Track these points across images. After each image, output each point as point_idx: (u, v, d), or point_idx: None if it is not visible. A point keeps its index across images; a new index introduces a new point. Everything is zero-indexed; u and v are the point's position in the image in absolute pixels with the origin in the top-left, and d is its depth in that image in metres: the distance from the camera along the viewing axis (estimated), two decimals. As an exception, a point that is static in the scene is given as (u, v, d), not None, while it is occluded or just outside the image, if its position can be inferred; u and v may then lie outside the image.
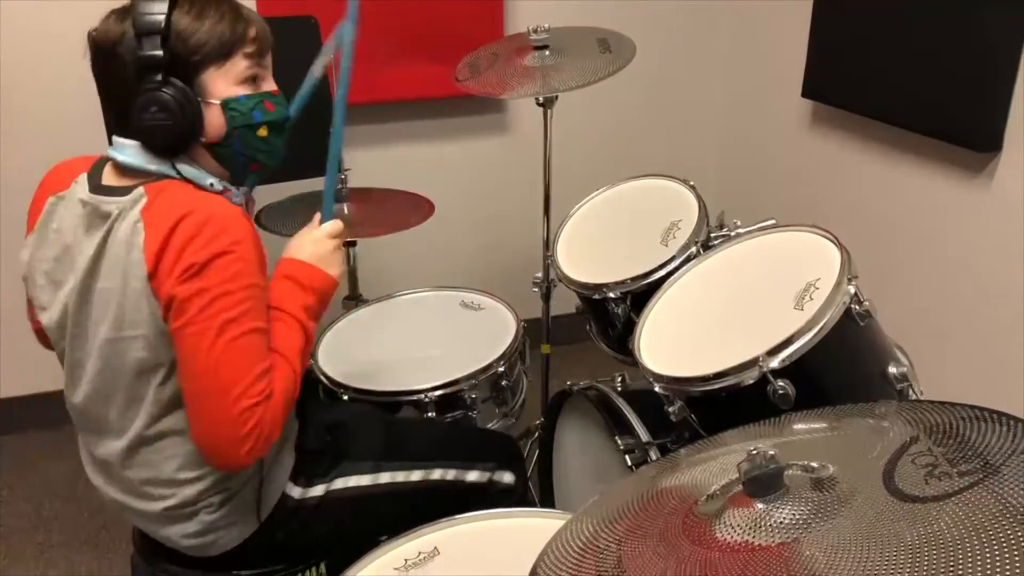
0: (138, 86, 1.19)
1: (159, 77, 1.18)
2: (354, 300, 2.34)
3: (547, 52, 1.99)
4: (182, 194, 1.21)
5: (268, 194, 2.22)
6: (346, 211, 2.19)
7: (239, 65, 1.25)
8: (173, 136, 1.21)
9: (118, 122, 1.26)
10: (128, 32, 1.19)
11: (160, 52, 1.18)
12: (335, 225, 1.41)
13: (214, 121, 1.25)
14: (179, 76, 1.20)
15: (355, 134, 2.68)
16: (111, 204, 1.21)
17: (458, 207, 2.89)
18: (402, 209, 2.20)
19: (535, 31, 1.97)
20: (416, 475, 1.50)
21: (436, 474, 1.52)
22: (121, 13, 1.22)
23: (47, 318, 1.29)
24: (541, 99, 2.02)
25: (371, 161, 2.73)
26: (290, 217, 2.14)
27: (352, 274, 2.35)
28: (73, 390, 1.31)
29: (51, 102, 2.46)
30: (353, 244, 2.29)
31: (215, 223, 1.16)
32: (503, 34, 2.70)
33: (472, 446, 1.61)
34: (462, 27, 2.65)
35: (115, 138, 1.26)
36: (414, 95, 2.73)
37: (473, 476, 1.55)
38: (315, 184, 2.29)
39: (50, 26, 2.40)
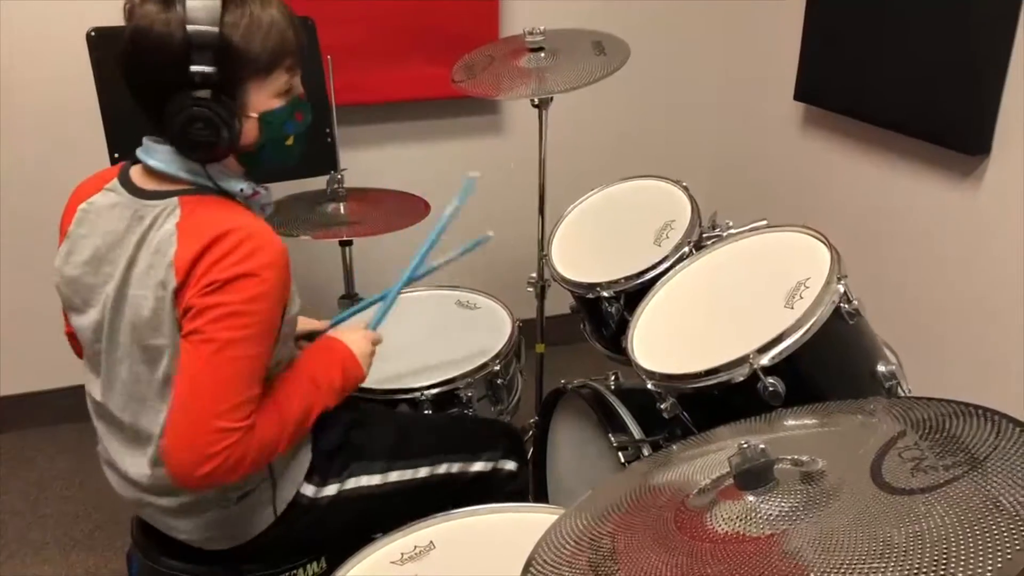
0: (178, 93, 1.16)
1: (207, 93, 1.16)
2: (350, 299, 2.35)
3: (542, 54, 2.01)
4: (219, 211, 1.21)
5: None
6: (342, 211, 2.20)
7: (280, 79, 1.25)
8: (215, 151, 1.20)
9: (150, 122, 1.23)
10: (176, 34, 1.13)
11: (213, 68, 1.15)
12: (376, 334, 1.50)
13: (250, 133, 1.25)
14: (224, 90, 1.18)
15: (352, 135, 2.69)
16: (147, 208, 1.21)
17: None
18: (398, 209, 2.21)
19: (531, 33, 1.99)
20: (423, 471, 1.52)
21: (442, 468, 1.53)
22: (163, 1, 1.15)
23: (81, 322, 1.29)
24: (536, 100, 2.04)
25: (367, 161, 2.74)
26: (285, 216, 2.15)
27: (348, 273, 2.37)
28: (108, 394, 1.30)
29: (49, 100, 2.46)
30: (349, 243, 2.31)
31: (250, 244, 1.16)
32: (498, 36, 2.72)
33: (476, 437, 1.62)
34: (457, 29, 2.66)
35: (146, 141, 1.25)
36: (410, 96, 2.74)
37: (478, 466, 1.56)
38: (310, 184, 2.31)
39: (49, 25, 2.40)
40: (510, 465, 1.60)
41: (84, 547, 2.28)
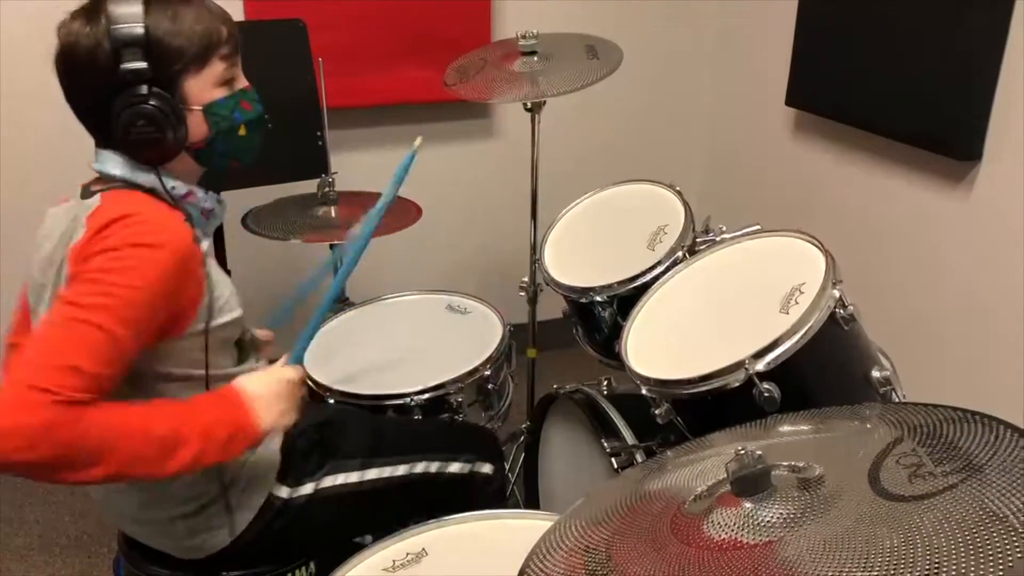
0: (116, 98, 1.16)
1: (143, 89, 1.16)
2: (340, 303, 2.34)
3: (535, 58, 2.00)
4: (128, 201, 1.19)
5: (254, 197, 2.22)
6: (333, 214, 2.19)
7: (216, 68, 1.24)
8: (163, 148, 1.20)
9: (95, 133, 1.23)
10: (103, 42, 1.14)
11: (144, 64, 1.15)
12: (295, 370, 1.31)
13: (197, 127, 1.23)
14: (160, 85, 1.17)
15: (343, 138, 2.68)
16: (81, 207, 1.20)
17: (445, 211, 2.89)
18: (389, 213, 2.19)
19: (523, 37, 1.99)
20: (401, 469, 1.51)
21: (420, 467, 1.52)
22: (87, 16, 1.16)
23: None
24: (529, 104, 2.03)
25: (359, 165, 2.73)
26: (275, 219, 2.14)
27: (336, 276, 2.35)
28: None
29: (39, 98, 2.44)
30: (340, 247, 2.29)
31: (137, 225, 1.12)
32: (490, 39, 2.71)
33: (453, 439, 1.62)
34: (449, 32, 2.66)
35: (97, 150, 1.24)
36: (401, 99, 2.74)
37: (455, 468, 1.56)
38: (300, 187, 2.30)
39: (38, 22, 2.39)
40: (486, 468, 1.59)
41: (70, 553, 2.25)
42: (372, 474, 1.48)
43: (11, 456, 1.00)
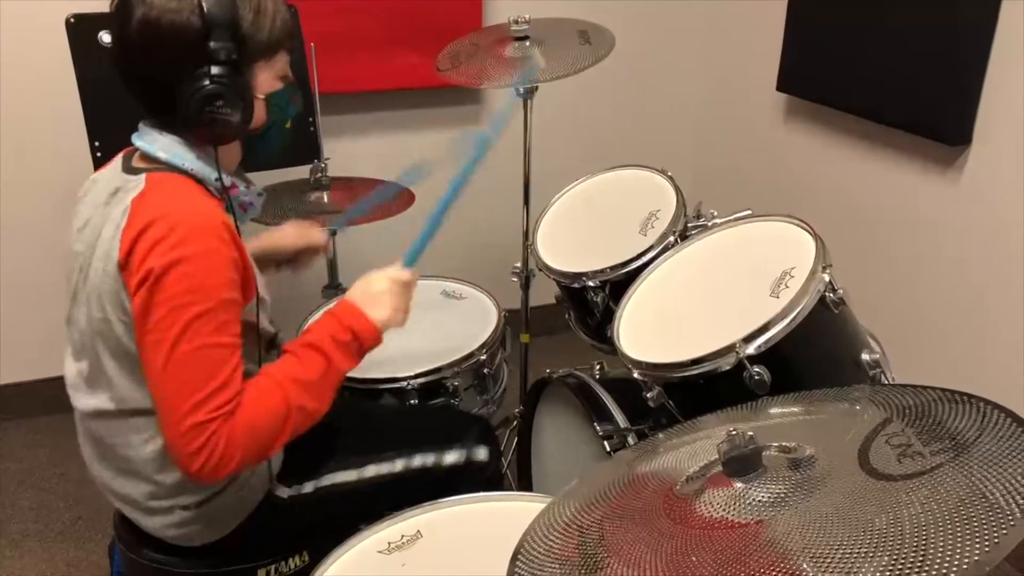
0: (193, 76, 1.16)
1: (224, 70, 1.17)
2: (334, 288, 2.35)
3: (527, 43, 2.00)
4: (173, 192, 1.20)
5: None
6: (325, 199, 2.19)
7: (282, 60, 1.28)
8: (231, 130, 1.21)
9: (152, 108, 1.24)
10: (192, 21, 1.15)
11: (232, 44, 1.17)
12: (400, 272, 1.40)
13: (259, 114, 1.26)
14: (238, 69, 1.20)
15: (336, 123, 2.68)
16: (125, 182, 1.22)
17: (438, 197, 2.89)
18: (382, 199, 2.20)
19: (516, 22, 1.99)
20: (400, 464, 1.52)
21: (417, 461, 1.54)
22: None
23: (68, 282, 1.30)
24: (521, 89, 2.03)
25: (352, 150, 2.73)
26: (268, 205, 2.13)
27: (332, 263, 2.36)
28: (71, 358, 1.32)
29: (29, 88, 2.43)
30: (333, 233, 2.29)
31: (178, 232, 1.14)
32: (481, 24, 2.71)
33: (447, 429, 1.63)
34: (441, 18, 2.65)
35: (143, 126, 1.26)
36: (393, 85, 2.73)
37: (451, 457, 1.56)
38: (293, 173, 2.30)
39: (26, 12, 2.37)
40: (482, 454, 1.60)
41: (65, 539, 2.26)
42: (371, 471, 1.50)
43: (219, 474, 1.15)
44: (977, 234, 2.11)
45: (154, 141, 1.24)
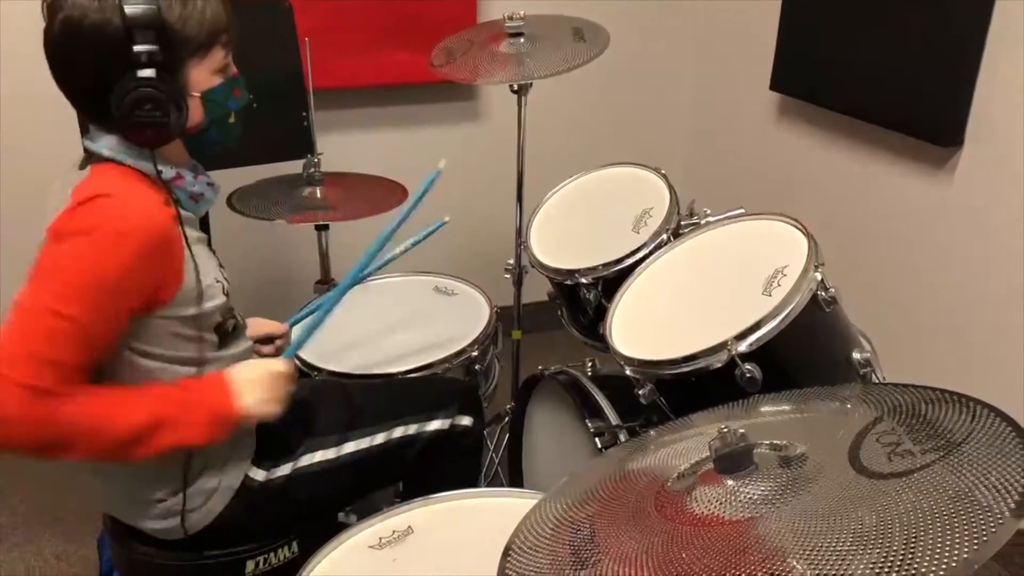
0: (121, 79, 1.14)
1: (150, 72, 1.14)
2: (326, 284, 2.34)
3: (522, 39, 2.00)
4: (114, 178, 1.19)
5: (240, 177, 2.21)
6: (319, 195, 2.19)
7: (217, 56, 1.23)
8: (164, 132, 1.19)
9: (89, 113, 1.22)
10: (114, 20, 1.12)
11: (156, 47, 1.13)
12: (285, 363, 1.33)
13: (195, 113, 1.23)
14: (167, 69, 1.16)
15: (329, 119, 2.67)
16: (74, 178, 1.20)
17: (431, 193, 2.87)
18: (375, 194, 2.20)
19: (510, 18, 1.98)
20: (379, 438, 1.50)
21: (398, 432, 1.52)
22: None
23: None
24: (515, 86, 2.03)
25: (344, 146, 2.72)
26: (260, 200, 2.13)
27: (325, 259, 2.35)
28: None
29: (12, 79, 2.42)
30: (325, 228, 2.29)
31: (106, 207, 1.13)
32: (475, 20, 2.71)
33: (430, 396, 1.61)
34: (435, 14, 2.65)
35: (93, 129, 1.23)
36: (387, 81, 2.72)
37: (435, 425, 1.55)
38: (286, 168, 2.29)
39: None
40: (466, 420, 1.59)
41: (54, 532, 2.25)
42: (350, 447, 1.48)
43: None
44: (968, 234, 2.12)
45: (98, 139, 1.22)
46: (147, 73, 1.14)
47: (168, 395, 1.22)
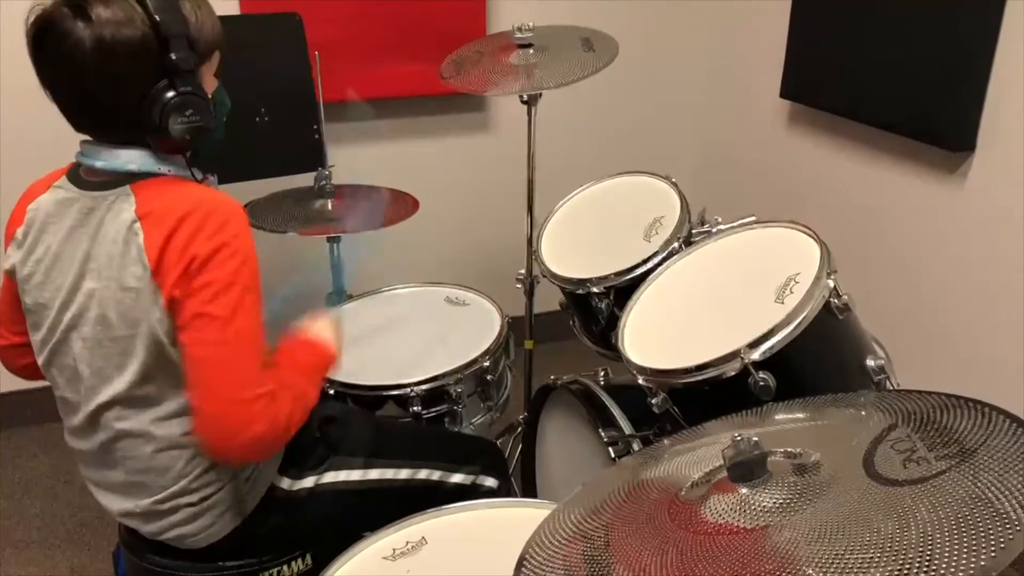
0: (156, 88, 1.15)
1: (187, 79, 1.16)
2: (338, 295, 2.35)
3: (531, 50, 2.00)
4: (175, 190, 1.20)
5: (252, 190, 2.22)
6: (330, 207, 2.20)
7: (216, 58, 1.27)
8: (206, 135, 1.21)
9: (116, 128, 1.20)
10: (147, 33, 1.12)
11: (190, 54, 1.16)
12: (331, 314, 1.47)
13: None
14: (194, 75, 1.19)
15: (341, 131, 2.69)
16: (98, 200, 1.19)
17: (442, 204, 2.90)
18: (389, 206, 2.21)
19: (520, 29, 1.99)
20: (404, 473, 1.51)
21: (422, 474, 1.53)
22: (107, 4, 1.11)
23: (33, 320, 1.27)
24: (525, 96, 2.04)
25: (356, 158, 2.73)
26: (272, 212, 2.14)
27: (336, 269, 2.36)
28: (63, 385, 1.31)
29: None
30: (337, 240, 2.30)
31: (216, 217, 1.15)
32: (485, 32, 2.72)
33: (458, 450, 1.62)
34: (444, 25, 2.66)
35: (96, 148, 1.21)
36: (397, 93, 2.74)
37: (458, 478, 1.56)
38: (298, 181, 2.31)
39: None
40: (490, 482, 1.59)
41: (69, 545, 2.26)
42: (374, 474, 1.49)
43: (262, 451, 1.24)
44: (981, 240, 2.11)
45: (116, 157, 1.20)
46: (182, 80, 1.17)
47: (294, 359, 1.33)
